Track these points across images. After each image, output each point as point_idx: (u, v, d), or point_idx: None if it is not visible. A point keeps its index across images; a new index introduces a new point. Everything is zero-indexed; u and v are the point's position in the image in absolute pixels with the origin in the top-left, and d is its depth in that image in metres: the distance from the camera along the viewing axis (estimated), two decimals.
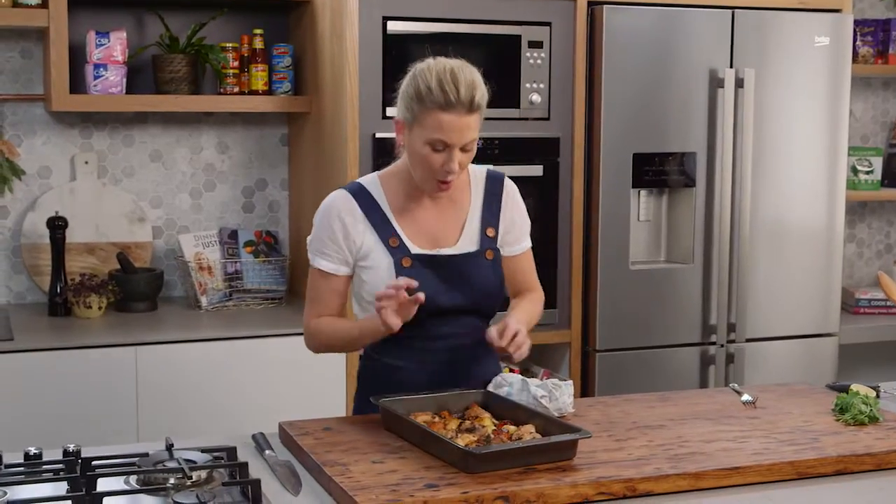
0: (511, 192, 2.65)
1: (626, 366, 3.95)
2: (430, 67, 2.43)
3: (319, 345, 2.64)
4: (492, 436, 2.26)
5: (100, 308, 3.75)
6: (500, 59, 3.79)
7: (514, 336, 2.43)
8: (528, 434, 2.27)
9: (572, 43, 3.84)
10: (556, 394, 2.49)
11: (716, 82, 3.95)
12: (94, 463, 2.14)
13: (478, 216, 2.59)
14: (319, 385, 3.67)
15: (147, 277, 3.88)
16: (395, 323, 2.37)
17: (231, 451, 2.23)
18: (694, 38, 3.93)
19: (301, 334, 3.56)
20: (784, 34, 4.04)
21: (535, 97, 3.82)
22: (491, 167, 2.68)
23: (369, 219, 2.52)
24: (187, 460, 2.15)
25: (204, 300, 3.93)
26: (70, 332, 3.58)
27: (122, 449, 2.28)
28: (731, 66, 3.96)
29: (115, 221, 4.02)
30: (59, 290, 3.78)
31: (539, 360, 4.07)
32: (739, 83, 3.95)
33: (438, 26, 3.70)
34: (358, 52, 3.61)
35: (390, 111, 3.67)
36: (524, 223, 2.68)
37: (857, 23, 4.68)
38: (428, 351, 2.57)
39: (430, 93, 2.39)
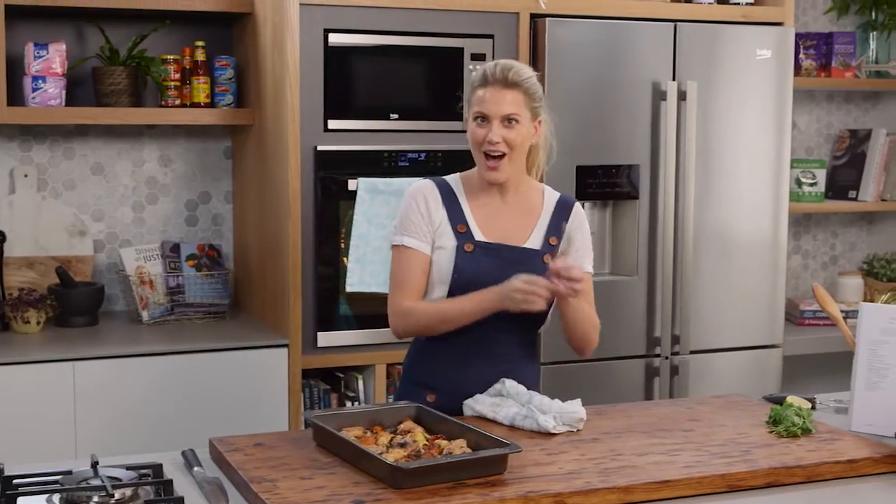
0: (579, 216, 2.81)
1: (571, 378, 3.94)
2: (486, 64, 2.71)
3: (409, 325, 2.71)
4: (422, 450, 2.25)
5: (38, 323, 3.71)
6: (442, 72, 3.78)
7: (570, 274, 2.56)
8: (459, 449, 2.25)
9: (515, 55, 3.83)
10: (564, 418, 2.53)
11: (658, 95, 3.96)
12: (15, 481, 2.11)
13: (546, 224, 2.76)
14: (261, 400, 3.64)
15: (87, 292, 3.84)
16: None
17: (157, 468, 2.20)
18: (636, 51, 3.94)
19: (247, 348, 3.64)
20: (726, 47, 4.06)
21: None
22: (563, 194, 2.85)
23: (446, 205, 2.71)
24: (112, 478, 2.12)
25: (145, 314, 3.89)
26: (7, 348, 3.52)
27: (46, 466, 2.24)
28: (674, 79, 3.97)
29: (55, 235, 3.97)
30: None
31: None
32: (682, 96, 3.96)
33: (381, 38, 3.69)
34: (299, 64, 3.59)
35: (332, 124, 3.66)
36: (586, 248, 2.83)
37: (799, 36, 4.71)
38: (476, 341, 2.68)
39: (475, 76, 2.69)
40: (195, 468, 2.28)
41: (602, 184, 3.94)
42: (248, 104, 3.99)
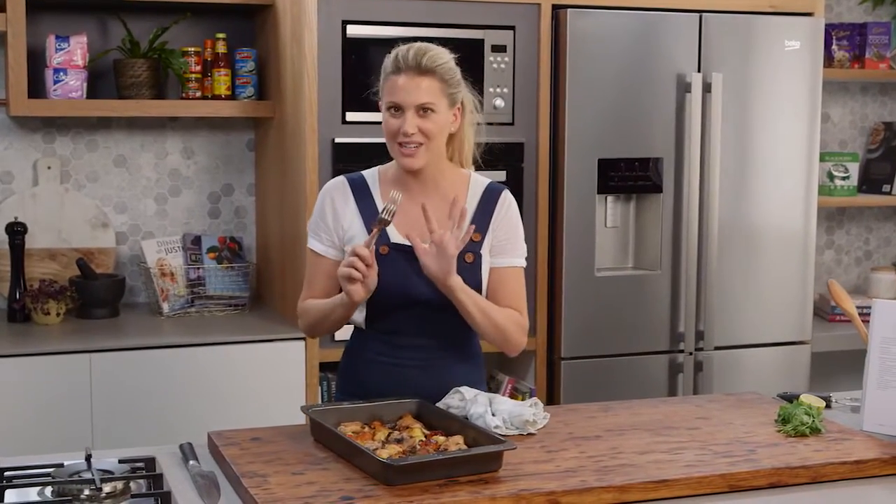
0: (507, 204, 2.63)
1: (593, 374, 3.90)
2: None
3: (306, 325, 2.68)
4: (418, 446, 2.22)
5: (58, 314, 3.72)
6: (463, 64, 3.69)
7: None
8: (455, 445, 2.22)
9: (536, 47, 3.80)
10: (514, 421, 2.44)
11: (683, 87, 3.90)
12: (7, 474, 2.11)
13: (468, 219, 2.57)
14: (278, 394, 3.63)
15: (107, 284, 3.85)
16: (356, 292, 2.41)
17: (149, 462, 2.19)
18: (661, 42, 3.88)
19: (264, 341, 3.64)
20: (753, 38, 3.99)
21: (499, 102, 3.78)
22: (493, 181, 2.68)
23: (359, 206, 2.59)
24: (103, 471, 2.11)
25: (166, 306, 3.89)
26: (26, 339, 3.55)
27: (39, 459, 2.24)
28: (699, 71, 3.91)
29: (77, 227, 3.99)
30: (17, 297, 3.75)
31: (504, 369, 4.03)
32: (707, 88, 3.90)
33: (399, 30, 3.66)
34: (317, 56, 3.57)
35: (350, 116, 3.64)
36: (517, 239, 2.64)
37: (832, 27, 4.63)
38: (404, 347, 2.57)
39: (387, 62, 2.54)
40: (190, 462, 2.26)
41: (625, 177, 3.89)
42: (269, 96, 3.98)
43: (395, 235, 2.55)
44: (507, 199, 2.65)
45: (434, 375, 2.57)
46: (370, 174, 2.65)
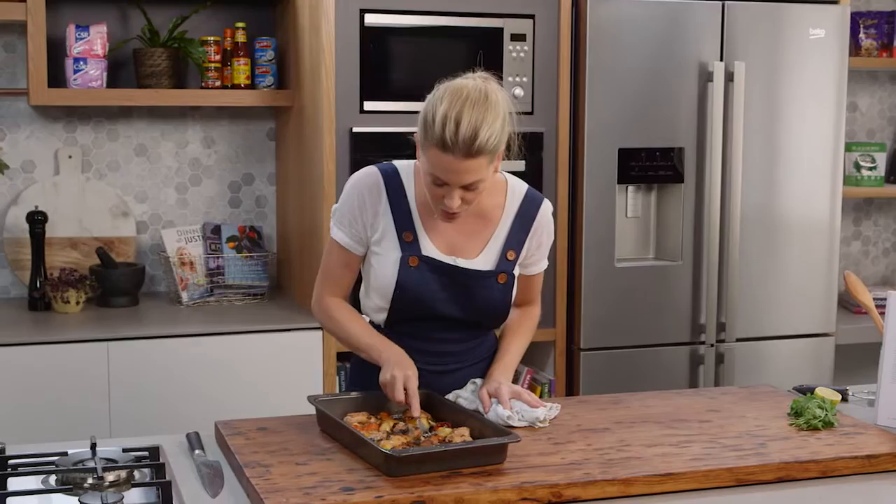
0: (545, 218, 2.56)
1: (613, 365, 3.87)
2: (444, 96, 2.30)
3: (325, 326, 2.63)
4: (423, 438, 2.21)
5: (78, 303, 3.73)
6: (481, 53, 3.72)
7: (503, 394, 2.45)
8: (460, 437, 2.21)
9: (556, 36, 3.77)
10: (525, 415, 2.42)
11: (705, 76, 3.86)
12: (11, 462, 2.11)
13: (504, 235, 2.51)
14: (296, 383, 3.62)
15: (127, 272, 3.86)
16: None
17: (154, 451, 2.19)
18: (682, 30, 3.84)
19: (282, 330, 3.64)
20: (777, 27, 3.94)
21: (519, 91, 3.75)
22: (531, 188, 2.58)
23: (392, 205, 2.46)
24: (107, 459, 2.11)
25: (185, 295, 3.90)
26: (45, 327, 3.56)
27: (44, 447, 2.25)
28: (722, 60, 3.87)
29: (98, 216, 4.00)
30: (38, 285, 3.77)
31: (523, 359, 3.99)
32: (729, 77, 3.86)
33: (418, 19, 3.64)
34: (334, 45, 3.56)
35: (368, 105, 3.62)
36: (546, 249, 2.62)
37: (860, 15, 4.56)
38: (420, 352, 2.51)
39: (433, 127, 2.27)
40: (196, 451, 2.27)
41: (645, 167, 3.85)
42: (289, 86, 3.97)
43: (428, 248, 2.46)
44: (545, 215, 2.55)
45: (450, 377, 2.55)
46: (405, 169, 2.50)
